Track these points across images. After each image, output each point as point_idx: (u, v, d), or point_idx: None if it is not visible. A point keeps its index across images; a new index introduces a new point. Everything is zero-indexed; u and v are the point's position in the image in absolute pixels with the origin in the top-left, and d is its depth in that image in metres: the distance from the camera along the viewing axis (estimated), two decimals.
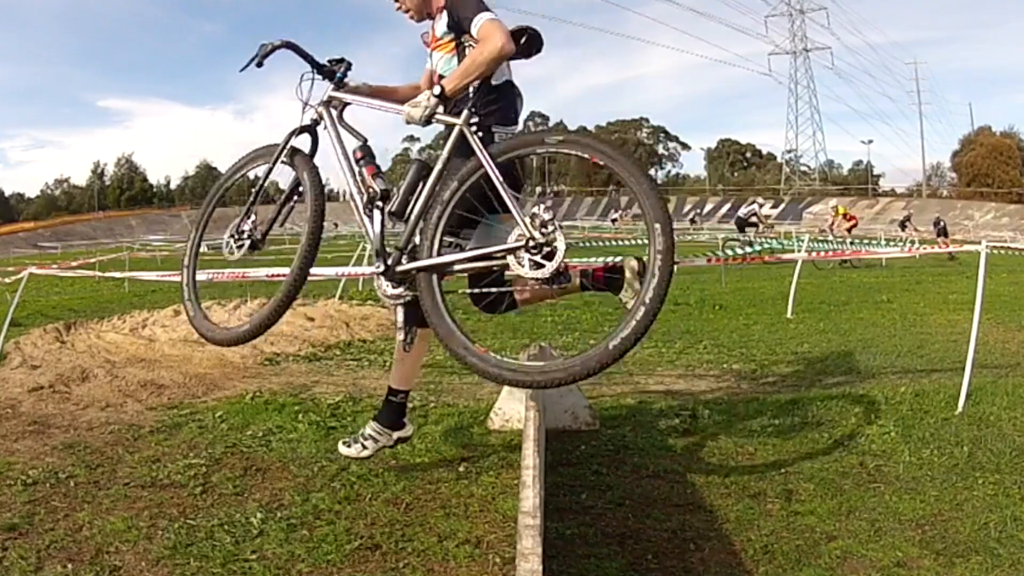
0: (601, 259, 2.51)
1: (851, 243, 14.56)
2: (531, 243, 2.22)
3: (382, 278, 2.49)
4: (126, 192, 66.02)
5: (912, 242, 16.99)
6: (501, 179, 2.27)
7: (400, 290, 2.48)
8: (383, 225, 2.50)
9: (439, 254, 2.37)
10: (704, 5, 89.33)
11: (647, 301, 2.09)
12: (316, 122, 2.67)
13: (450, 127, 2.41)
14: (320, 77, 2.68)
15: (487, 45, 2.35)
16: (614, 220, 42.49)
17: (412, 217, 2.43)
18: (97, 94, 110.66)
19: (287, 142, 2.65)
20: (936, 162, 62.00)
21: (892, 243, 17.69)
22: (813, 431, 3.39)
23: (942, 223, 20.50)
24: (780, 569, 2.15)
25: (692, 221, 41.99)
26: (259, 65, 2.63)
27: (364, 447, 2.80)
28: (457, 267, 2.37)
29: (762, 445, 3.21)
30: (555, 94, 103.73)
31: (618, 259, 2.57)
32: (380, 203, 2.50)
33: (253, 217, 2.69)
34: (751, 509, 2.54)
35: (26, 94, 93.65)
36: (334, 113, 2.66)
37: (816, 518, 2.46)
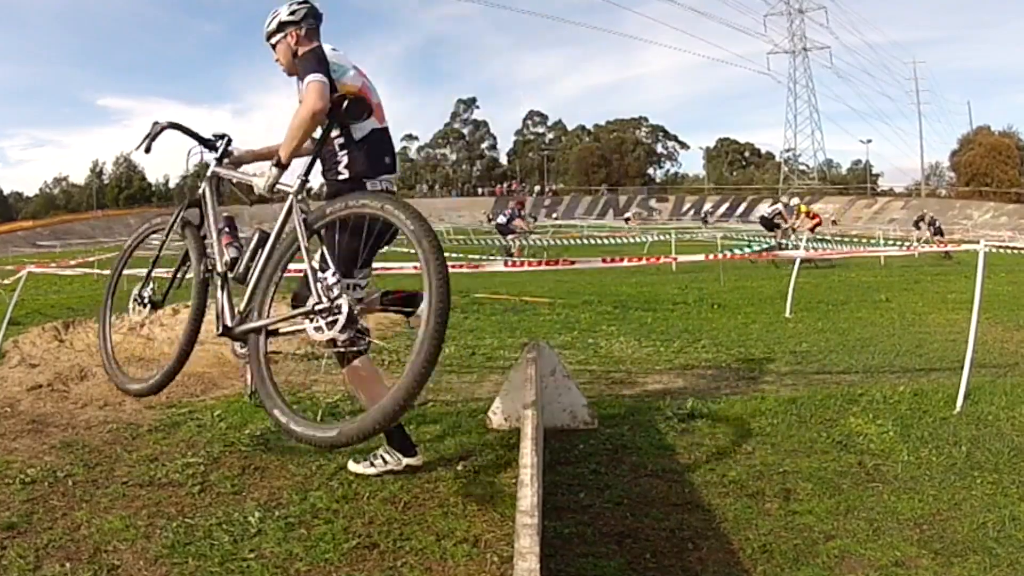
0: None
1: (816, 242, 14.39)
2: (317, 307, 2.33)
3: (227, 338, 2.66)
4: (125, 191, 65.83)
5: (923, 241, 16.95)
6: (307, 246, 2.42)
7: (247, 350, 2.62)
8: (223, 290, 2.69)
9: (268, 316, 2.54)
10: (704, 5, 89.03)
11: (424, 345, 2.16)
12: (202, 196, 2.91)
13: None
14: (206, 150, 2.92)
15: (301, 106, 2.53)
16: (627, 219, 42.25)
17: (251, 282, 2.59)
18: (97, 93, 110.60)
19: (177, 216, 2.95)
20: (935, 161, 62.01)
21: (893, 242, 17.70)
22: (811, 430, 3.39)
23: (937, 223, 20.58)
24: (778, 568, 2.15)
25: (704, 220, 41.66)
26: (147, 151, 2.89)
27: (372, 464, 2.85)
28: (282, 329, 2.54)
29: (760, 444, 3.21)
30: (555, 93, 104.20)
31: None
32: (221, 270, 2.72)
33: (152, 284, 3.10)
34: (749, 508, 2.55)
35: (26, 94, 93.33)
36: (223, 181, 2.92)
37: (814, 517, 2.46)
